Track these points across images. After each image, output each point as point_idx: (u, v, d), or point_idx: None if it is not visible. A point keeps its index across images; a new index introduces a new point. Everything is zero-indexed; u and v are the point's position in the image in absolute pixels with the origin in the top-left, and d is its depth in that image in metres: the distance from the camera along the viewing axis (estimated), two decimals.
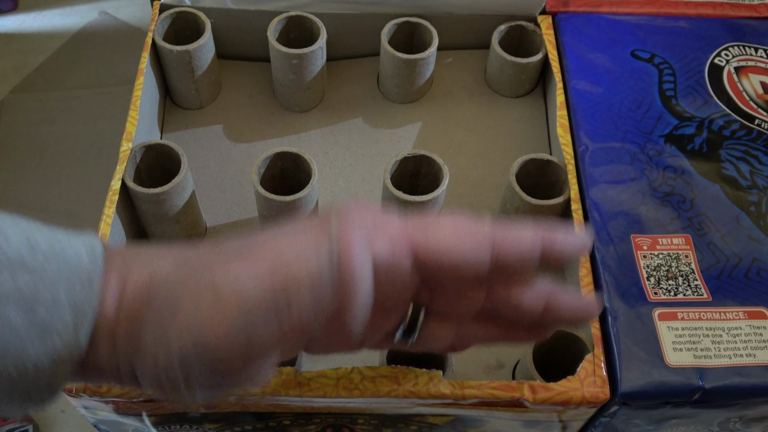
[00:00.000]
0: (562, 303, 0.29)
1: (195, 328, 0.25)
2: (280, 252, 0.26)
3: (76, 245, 0.25)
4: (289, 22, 0.48)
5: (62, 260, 0.25)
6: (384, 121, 0.50)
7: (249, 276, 0.25)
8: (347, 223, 0.26)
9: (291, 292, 0.25)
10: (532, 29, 0.50)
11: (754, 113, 0.46)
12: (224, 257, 0.26)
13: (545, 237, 0.28)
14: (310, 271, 0.25)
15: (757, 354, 0.37)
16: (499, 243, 0.27)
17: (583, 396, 0.35)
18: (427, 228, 0.27)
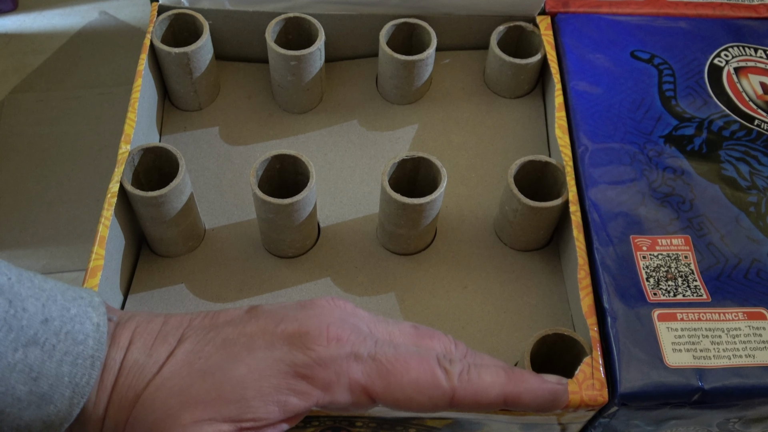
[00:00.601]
0: (523, 399, 0.31)
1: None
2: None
3: (85, 326, 0.28)
4: (287, 23, 0.48)
5: (71, 340, 0.27)
6: (382, 123, 0.50)
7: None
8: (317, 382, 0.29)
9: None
10: (531, 30, 0.50)
11: (753, 114, 0.46)
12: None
13: (510, 394, 0.30)
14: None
15: (757, 355, 0.37)
16: (459, 400, 0.29)
17: (581, 399, 0.35)
18: (388, 378, 0.29)
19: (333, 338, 0.29)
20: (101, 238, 0.39)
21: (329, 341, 0.29)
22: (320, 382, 0.28)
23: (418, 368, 0.29)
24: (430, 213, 0.41)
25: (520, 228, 0.43)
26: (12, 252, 0.74)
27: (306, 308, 0.30)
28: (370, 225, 0.45)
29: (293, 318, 0.29)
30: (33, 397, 0.26)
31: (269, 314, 0.30)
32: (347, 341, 0.29)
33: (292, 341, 0.29)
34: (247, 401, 0.28)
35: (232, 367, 0.28)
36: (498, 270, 0.44)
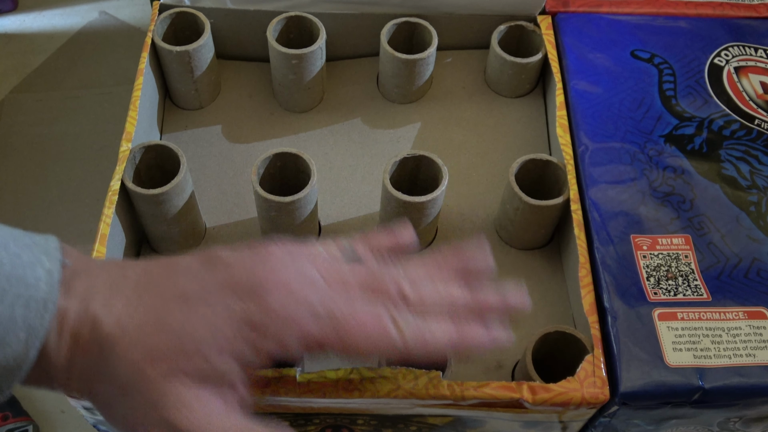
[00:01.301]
0: (469, 349, 0.32)
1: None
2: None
3: (36, 270, 0.28)
4: (288, 22, 0.48)
5: (22, 284, 0.27)
6: (383, 122, 0.50)
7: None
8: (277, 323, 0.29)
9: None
10: (532, 29, 0.50)
11: (753, 113, 0.46)
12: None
13: (457, 346, 0.31)
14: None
15: (757, 354, 0.37)
16: (409, 353, 0.30)
17: (583, 397, 0.35)
18: (342, 332, 0.29)
19: (286, 290, 0.29)
20: (102, 236, 0.39)
21: (283, 293, 0.29)
22: (273, 334, 0.29)
23: (372, 325, 0.30)
24: (431, 211, 0.41)
25: (521, 226, 0.43)
26: None
27: (260, 258, 0.30)
28: (371, 223, 0.45)
29: (248, 270, 0.30)
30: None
31: (225, 265, 0.30)
32: (301, 293, 0.29)
33: (247, 293, 0.29)
34: (203, 354, 0.28)
35: (188, 320, 0.28)
36: (499, 268, 0.44)
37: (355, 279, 0.31)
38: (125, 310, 0.29)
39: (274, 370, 0.35)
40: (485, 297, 0.33)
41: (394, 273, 0.32)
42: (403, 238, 0.34)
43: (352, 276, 0.31)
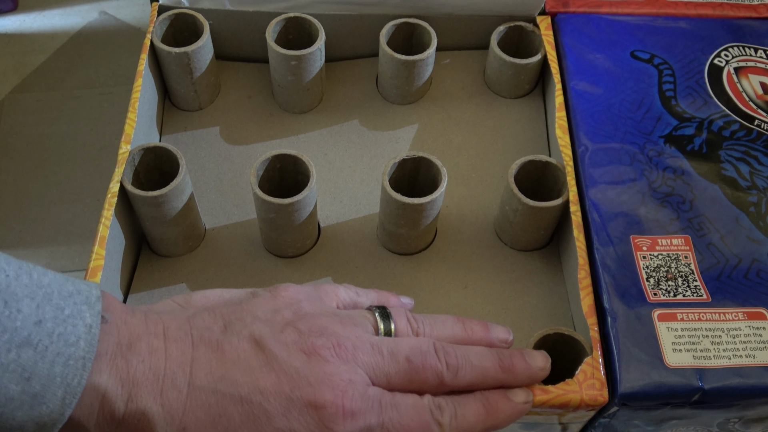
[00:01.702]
0: (499, 426, 0.34)
1: None
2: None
3: (78, 327, 0.28)
4: (287, 23, 0.48)
5: (63, 342, 0.27)
6: (383, 123, 0.50)
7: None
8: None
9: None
10: (531, 30, 0.50)
11: (753, 114, 0.46)
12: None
13: (489, 426, 0.33)
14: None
15: (757, 355, 0.37)
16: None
17: (582, 399, 0.35)
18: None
19: (348, 414, 0.30)
20: (101, 238, 0.39)
21: (345, 417, 0.30)
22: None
23: (418, 428, 0.32)
24: (431, 213, 0.41)
25: (520, 228, 0.43)
26: (12, 252, 0.74)
27: (315, 364, 0.31)
28: (371, 225, 0.45)
29: (306, 382, 0.30)
30: (25, 397, 0.27)
31: (280, 366, 0.30)
32: (360, 415, 0.30)
33: (310, 414, 0.30)
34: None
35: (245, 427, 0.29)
36: (498, 270, 0.44)
37: (397, 373, 0.32)
38: (177, 406, 0.29)
39: None
40: (513, 363, 0.34)
41: (432, 361, 0.33)
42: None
43: (394, 370, 0.32)
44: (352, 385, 0.31)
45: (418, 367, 0.32)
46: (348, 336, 0.32)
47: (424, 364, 0.32)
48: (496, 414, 0.33)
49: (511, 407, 0.34)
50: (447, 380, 0.33)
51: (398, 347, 0.32)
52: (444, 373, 0.33)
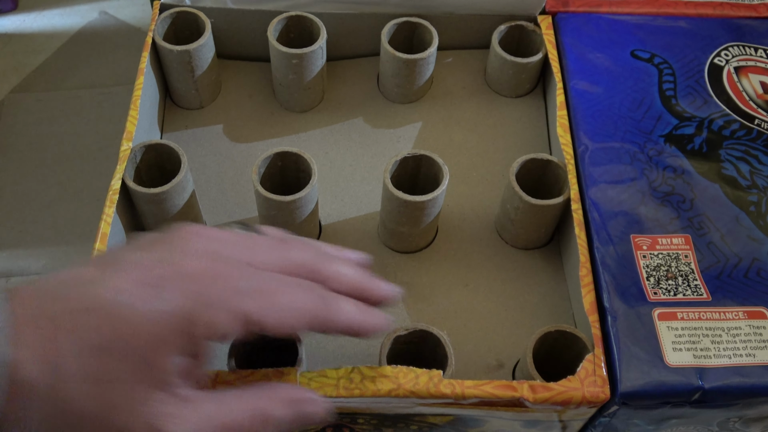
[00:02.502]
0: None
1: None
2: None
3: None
4: (289, 22, 0.48)
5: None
6: (384, 121, 0.50)
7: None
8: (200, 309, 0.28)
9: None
10: (532, 29, 0.50)
11: (753, 113, 0.46)
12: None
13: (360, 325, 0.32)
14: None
15: (757, 354, 0.37)
16: (325, 328, 0.31)
17: (584, 396, 0.35)
18: (274, 307, 0.29)
19: (216, 276, 0.29)
20: (103, 235, 0.39)
21: (214, 280, 0.29)
22: (203, 322, 0.28)
23: (303, 297, 0.30)
24: (432, 211, 0.41)
25: (521, 226, 0.43)
26: (12, 252, 0.74)
27: (174, 249, 0.29)
28: (372, 223, 0.45)
29: (167, 261, 0.29)
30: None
31: (129, 262, 0.29)
32: (230, 277, 0.29)
33: (178, 287, 0.28)
34: (159, 367, 0.28)
35: (129, 332, 0.27)
36: (499, 268, 0.44)
37: (270, 256, 0.31)
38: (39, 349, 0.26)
39: (276, 370, 0.35)
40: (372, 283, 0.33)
41: (302, 252, 0.32)
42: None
43: (267, 254, 0.31)
44: (217, 256, 0.30)
45: (289, 251, 0.32)
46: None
47: (293, 250, 0.32)
48: (368, 317, 0.32)
49: (383, 318, 0.32)
50: (323, 270, 0.32)
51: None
52: (318, 262, 0.32)
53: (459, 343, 0.41)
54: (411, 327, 0.37)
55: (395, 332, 0.37)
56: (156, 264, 0.29)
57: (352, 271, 0.33)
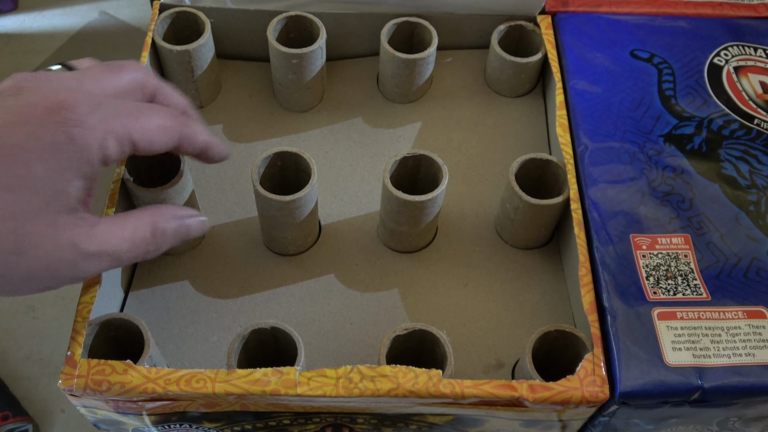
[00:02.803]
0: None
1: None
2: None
3: None
4: (288, 22, 0.48)
5: None
6: (383, 121, 0.50)
7: None
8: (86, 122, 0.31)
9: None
10: (532, 29, 0.50)
11: (753, 113, 0.46)
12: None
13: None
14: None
15: (757, 353, 0.37)
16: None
17: (583, 395, 0.35)
18: (142, 124, 0.33)
19: (83, 104, 0.31)
20: None
21: (84, 107, 0.31)
22: (95, 145, 0.31)
23: (157, 114, 0.34)
24: (431, 210, 0.41)
25: (521, 226, 0.43)
26: None
27: (23, 92, 0.31)
28: (371, 223, 0.45)
29: (31, 102, 0.31)
30: None
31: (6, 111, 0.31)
32: (96, 103, 0.31)
33: (51, 121, 0.30)
34: (62, 192, 0.30)
35: (23, 169, 0.29)
36: (499, 268, 0.44)
37: (111, 82, 0.35)
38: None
39: (275, 370, 0.35)
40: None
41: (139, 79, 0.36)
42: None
43: (108, 81, 0.35)
44: (67, 89, 0.32)
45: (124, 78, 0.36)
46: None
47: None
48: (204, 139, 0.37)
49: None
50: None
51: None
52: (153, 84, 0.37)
53: (458, 343, 0.41)
54: (410, 327, 0.37)
55: (394, 332, 0.37)
56: (23, 106, 0.31)
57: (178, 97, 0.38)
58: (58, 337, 0.71)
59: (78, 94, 0.31)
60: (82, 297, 0.37)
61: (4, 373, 0.69)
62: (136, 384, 0.35)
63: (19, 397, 0.67)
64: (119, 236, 0.32)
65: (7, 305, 0.73)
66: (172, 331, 0.41)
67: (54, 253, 0.30)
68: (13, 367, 0.70)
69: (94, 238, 0.31)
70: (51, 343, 0.71)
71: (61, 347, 0.70)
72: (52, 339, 0.71)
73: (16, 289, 0.31)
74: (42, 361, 0.70)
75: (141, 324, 0.36)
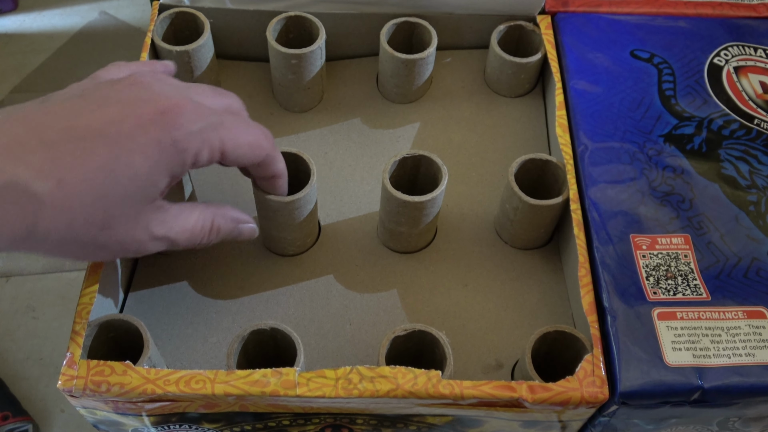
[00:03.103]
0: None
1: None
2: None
3: None
4: (288, 22, 0.48)
5: None
6: (383, 121, 0.50)
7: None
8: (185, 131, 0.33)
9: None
10: (531, 29, 0.50)
11: (753, 113, 0.46)
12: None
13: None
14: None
15: (757, 353, 0.37)
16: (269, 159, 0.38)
17: (582, 396, 0.35)
18: (236, 140, 0.35)
19: (191, 112, 0.34)
20: None
21: (190, 115, 0.34)
22: (192, 150, 0.34)
23: (250, 132, 0.36)
24: (431, 211, 0.41)
25: (520, 226, 0.43)
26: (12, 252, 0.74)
27: (142, 89, 0.34)
28: (371, 223, 0.45)
29: (144, 100, 0.33)
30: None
31: (114, 99, 0.33)
32: (201, 113, 0.34)
33: (159, 120, 0.33)
34: (153, 184, 0.33)
35: (128, 157, 0.32)
36: (498, 268, 0.44)
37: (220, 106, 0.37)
38: (42, 162, 0.30)
39: (274, 371, 0.35)
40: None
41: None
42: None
43: (217, 103, 0.37)
44: (180, 95, 0.34)
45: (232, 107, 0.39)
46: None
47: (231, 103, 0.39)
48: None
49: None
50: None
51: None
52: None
53: (458, 344, 0.41)
54: (410, 327, 0.37)
55: (394, 332, 0.37)
56: (138, 102, 0.33)
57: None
58: (58, 337, 0.71)
59: (187, 101, 0.34)
60: (82, 298, 0.37)
61: (4, 373, 0.69)
62: (136, 385, 0.35)
63: (19, 397, 0.67)
64: (183, 226, 0.36)
65: (7, 305, 0.73)
66: (171, 332, 0.41)
67: (130, 233, 0.34)
68: (13, 367, 0.70)
69: (163, 224, 0.35)
70: (51, 344, 0.71)
71: (60, 347, 0.70)
72: (52, 339, 0.71)
73: (88, 256, 0.35)
74: (42, 361, 0.70)
75: (140, 325, 0.36)
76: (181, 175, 0.35)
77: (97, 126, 0.32)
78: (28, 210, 0.30)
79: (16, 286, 0.74)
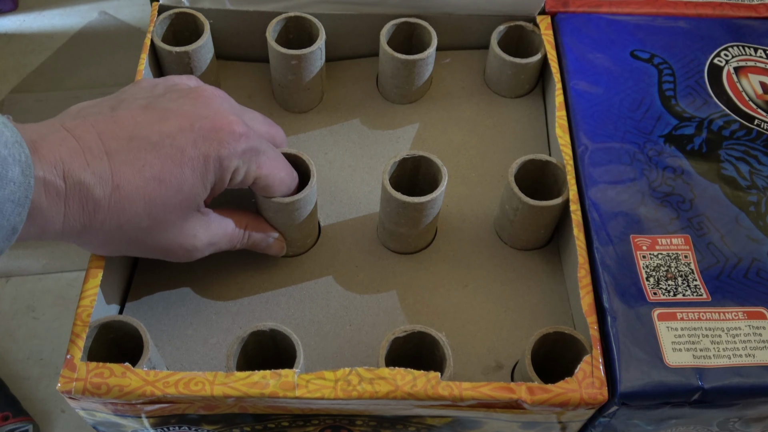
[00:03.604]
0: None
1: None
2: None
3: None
4: (288, 22, 0.48)
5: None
6: (383, 122, 0.50)
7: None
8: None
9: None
10: (531, 29, 0.50)
11: (753, 113, 0.46)
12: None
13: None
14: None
15: (757, 354, 0.37)
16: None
17: (581, 397, 0.35)
18: (272, 171, 0.38)
19: (240, 134, 0.36)
20: None
21: (239, 137, 0.36)
22: (232, 169, 0.37)
23: (284, 168, 0.39)
24: (431, 212, 0.41)
25: (520, 227, 0.43)
26: (12, 252, 0.74)
27: (202, 104, 0.37)
28: (371, 224, 0.45)
29: (200, 116, 0.36)
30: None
31: (173, 113, 0.36)
32: (248, 137, 0.37)
33: (212, 137, 0.36)
34: (197, 194, 0.36)
35: (177, 170, 0.35)
36: (498, 269, 0.44)
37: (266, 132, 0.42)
38: (104, 169, 0.34)
39: (273, 372, 0.35)
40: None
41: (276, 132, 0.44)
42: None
43: (263, 130, 0.42)
44: (235, 116, 0.37)
45: (274, 134, 0.43)
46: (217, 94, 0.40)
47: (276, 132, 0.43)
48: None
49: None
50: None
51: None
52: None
53: (458, 345, 0.41)
54: (409, 328, 0.37)
55: (394, 334, 0.37)
56: (196, 117, 0.36)
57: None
58: (58, 337, 0.71)
59: (240, 123, 0.37)
60: (82, 300, 0.37)
61: (5, 374, 0.69)
62: (135, 387, 0.35)
63: (19, 398, 0.68)
64: (223, 232, 0.39)
65: (7, 305, 0.73)
66: (171, 333, 0.41)
67: (176, 240, 0.37)
68: (14, 368, 0.70)
69: (207, 232, 0.38)
70: (51, 344, 0.71)
71: (61, 347, 0.70)
72: (52, 339, 0.71)
73: (136, 253, 0.38)
74: (42, 361, 0.70)
75: (140, 326, 0.36)
76: (219, 190, 0.38)
77: (155, 139, 0.35)
78: (87, 209, 0.33)
79: (16, 286, 0.74)
